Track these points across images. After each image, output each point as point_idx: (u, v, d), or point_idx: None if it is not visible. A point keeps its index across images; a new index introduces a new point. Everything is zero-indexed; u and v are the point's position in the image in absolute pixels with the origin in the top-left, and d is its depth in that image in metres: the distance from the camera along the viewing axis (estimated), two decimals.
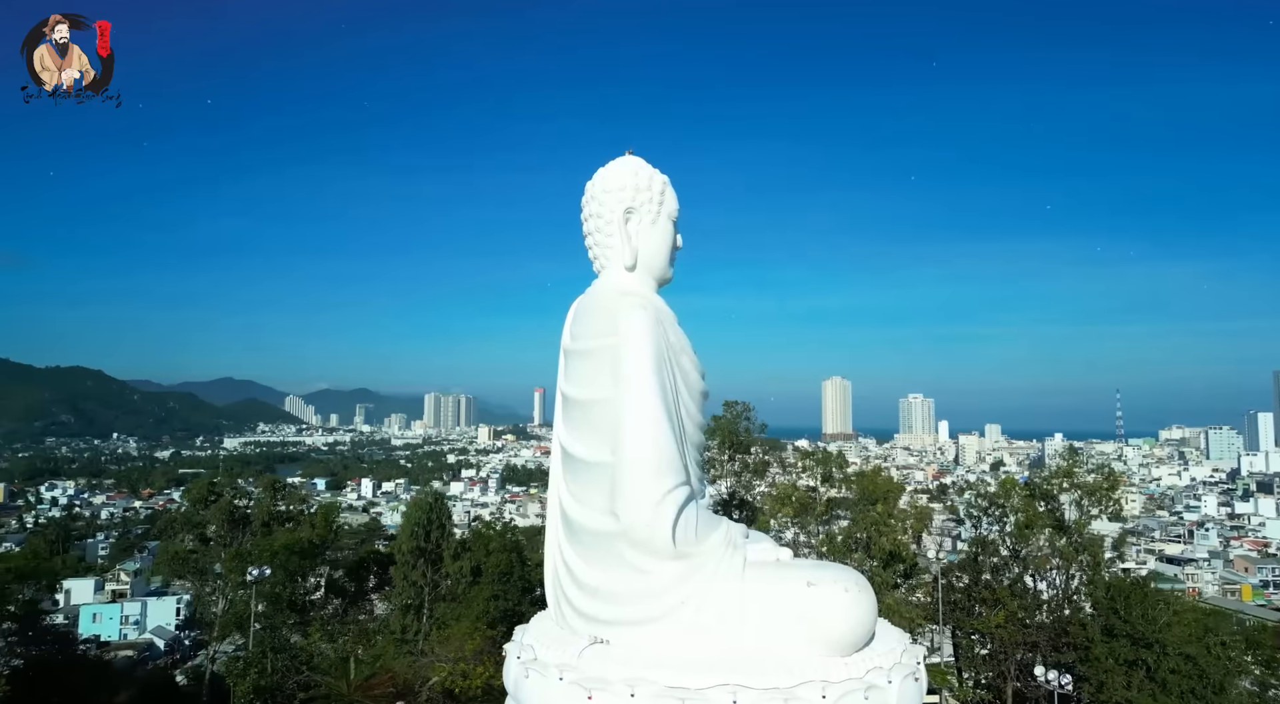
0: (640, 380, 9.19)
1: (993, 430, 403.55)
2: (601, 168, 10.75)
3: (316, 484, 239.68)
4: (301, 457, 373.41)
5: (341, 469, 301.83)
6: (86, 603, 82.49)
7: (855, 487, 41.16)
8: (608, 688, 8.36)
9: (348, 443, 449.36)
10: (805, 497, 40.67)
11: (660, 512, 8.78)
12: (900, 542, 37.16)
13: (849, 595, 8.87)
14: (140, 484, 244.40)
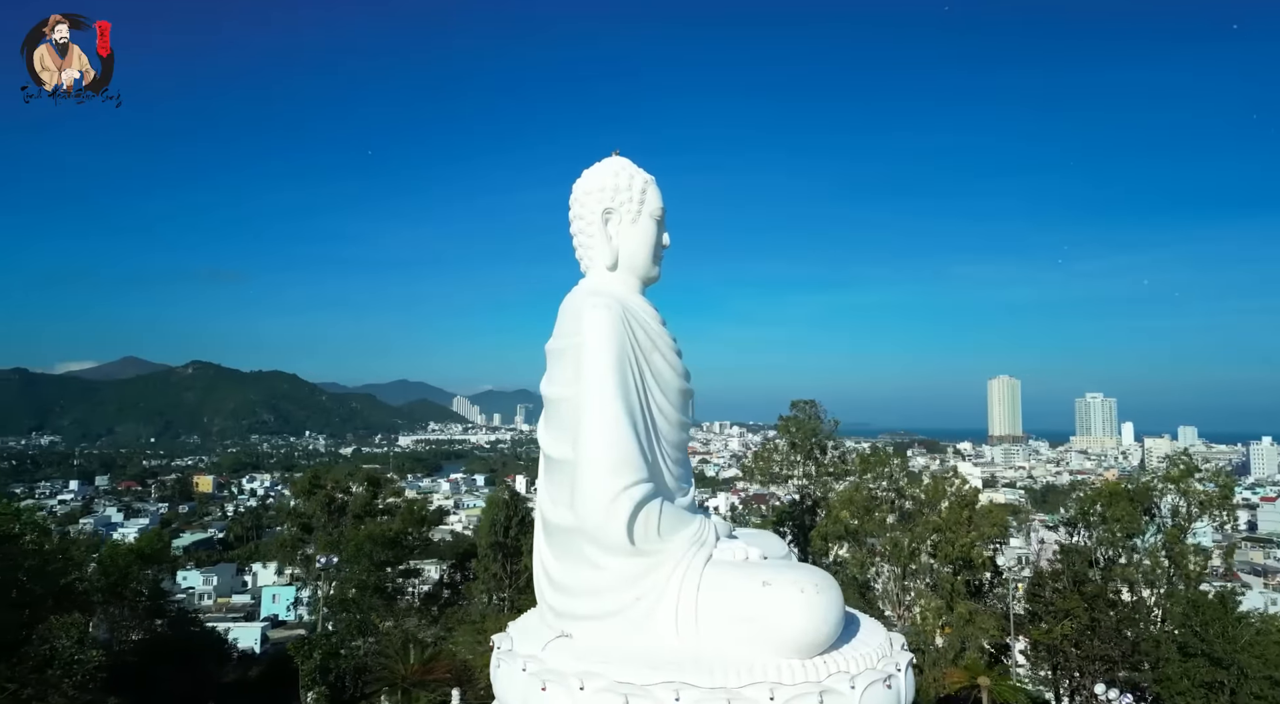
0: (598, 378, 9.29)
1: (1187, 433, 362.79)
2: (587, 170, 10.95)
3: (476, 480, 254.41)
4: (466, 454, 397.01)
5: (500, 466, 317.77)
6: (267, 585, 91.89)
7: (924, 490, 38.71)
8: (562, 680, 8.55)
9: (508, 441, 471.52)
10: (869, 499, 38.57)
11: (614, 508, 8.85)
12: (970, 547, 34.56)
13: (804, 596, 8.59)
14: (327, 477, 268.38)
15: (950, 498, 37.00)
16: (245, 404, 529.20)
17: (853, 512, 37.21)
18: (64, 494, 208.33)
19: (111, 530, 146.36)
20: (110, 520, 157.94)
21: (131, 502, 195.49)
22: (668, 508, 9.47)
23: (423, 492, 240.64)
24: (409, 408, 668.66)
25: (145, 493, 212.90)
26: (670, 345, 10.45)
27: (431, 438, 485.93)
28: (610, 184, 10.46)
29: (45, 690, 20.34)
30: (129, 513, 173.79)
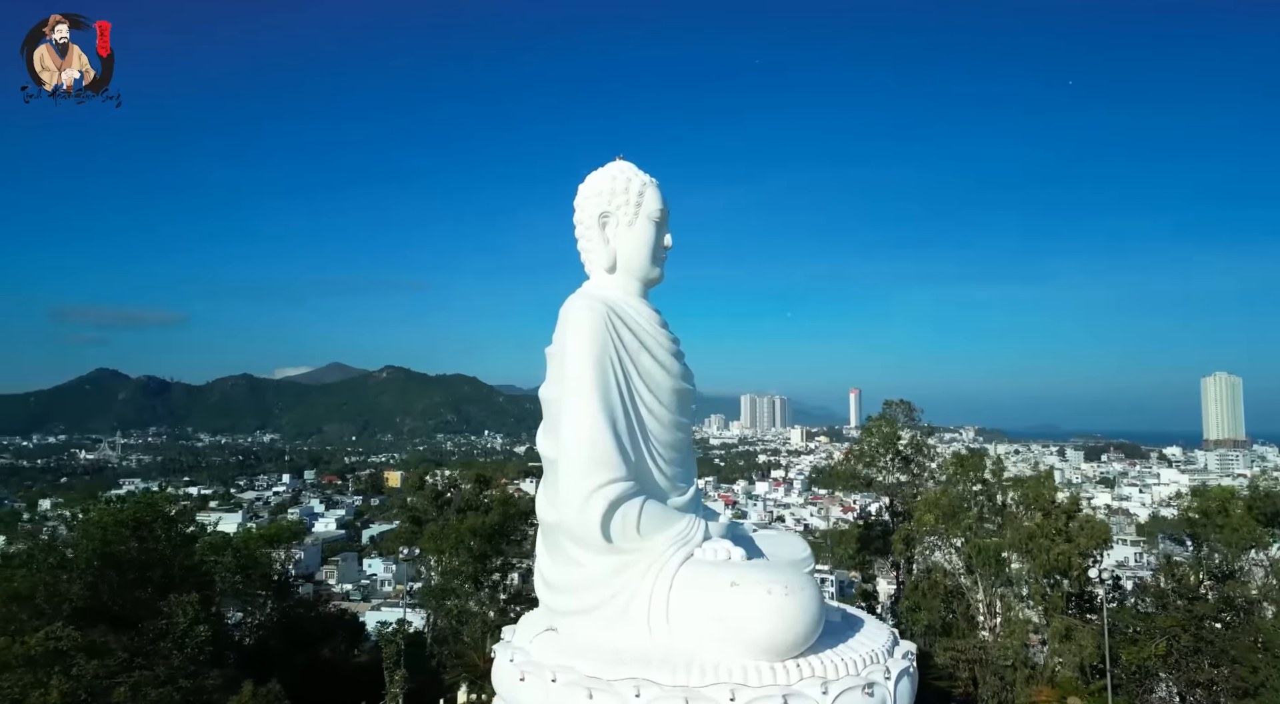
0: (576, 379, 9.72)
1: None
2: (590, 174, 11.39)
3: None
4: None
5: None
6: None
7: (1014, 494, 34.96)
8: (539, 672, 9.07)
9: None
10: (955, 503, 35.41)
11: (588, 506, 9.25)
12: (1066, 557, 30.86)
13: (770, 598, 8.63)
14: (498, 474, 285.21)
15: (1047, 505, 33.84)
16: (431, 406, 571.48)
17: (937, 515, 34.82)
18: (278, 487, 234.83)
19: (314, 520, 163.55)
20: (313, 511, 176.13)
21: (332, 494, 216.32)
22: (652, 507, 9.69)
23: None
24: None
25: (344, 487, 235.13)
26: (664, 346, 10.61)
27: None
28: (607, 188, 10.79)
29: (155, 661, 23.04)
30: (329, 504, 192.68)
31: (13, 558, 24.24)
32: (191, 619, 24.93)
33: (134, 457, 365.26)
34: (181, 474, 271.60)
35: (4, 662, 19.20)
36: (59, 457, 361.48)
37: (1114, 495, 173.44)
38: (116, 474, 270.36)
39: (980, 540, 33.58)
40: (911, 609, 34.90)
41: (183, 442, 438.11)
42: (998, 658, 31.21)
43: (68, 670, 19.65)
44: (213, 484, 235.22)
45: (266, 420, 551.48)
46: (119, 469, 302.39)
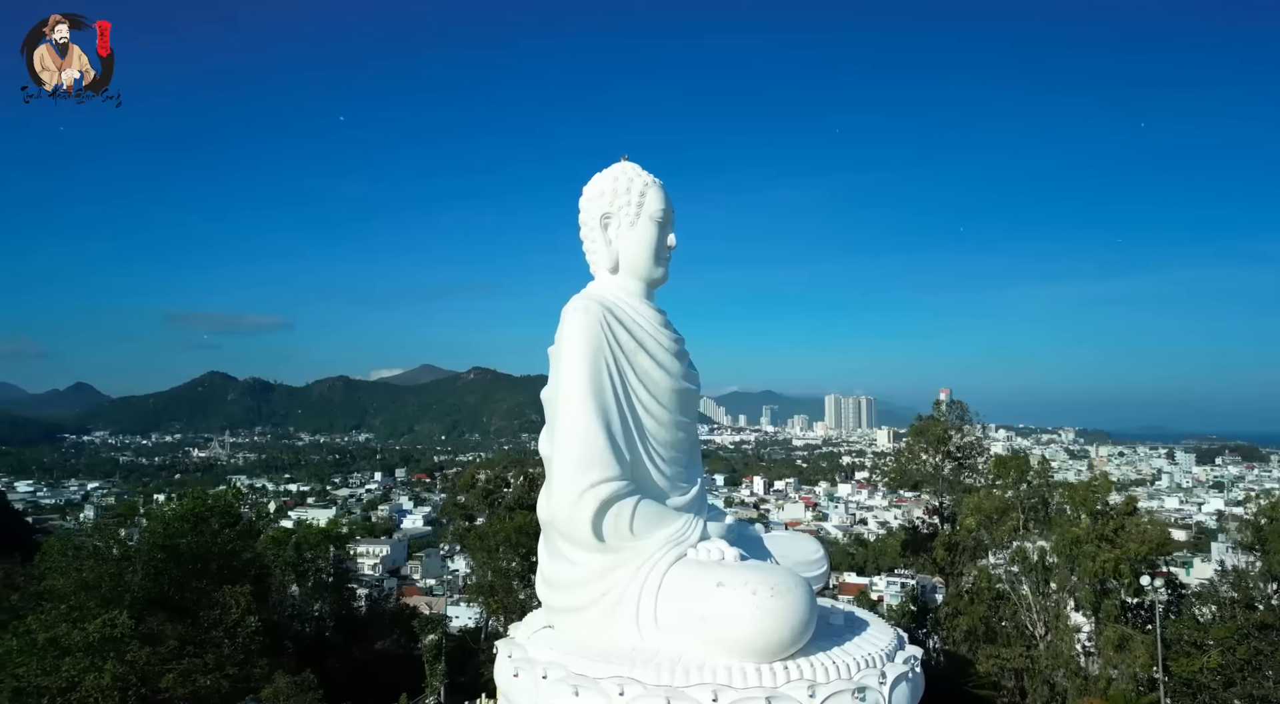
0: (568, 379, 9.85)
1: None
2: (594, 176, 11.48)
3: (715, 479, 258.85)
4: (709, 454, 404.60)
5: (742, 467, 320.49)
6: None
7: (1062, 498, 32.61)
8: (531, 668, 9.25)
9: (752, 442, 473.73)
10: (999, 507, 33.33)
11: (580, 505, 9.36)
12: (1113, 564, 28.60)
13: (755, 599, 8.59)
14: None
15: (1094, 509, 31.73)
16: (516, 406, 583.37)
17: (979, 520, 33.10)
18: (370, 484, 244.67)
19: (403, 516, 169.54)
20: (402, 508, 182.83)
21: (420, 492, 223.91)
22: (647, 506, 9.70)
23: None
24: None
25: (431, 485, 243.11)
26: (664, 346, 10.59)
27: None
28: (609, 189, 10.84)
29: (205, 649, 24.26)
30: (417, 502, 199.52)
31: (82, 549, 26.08)
32: (243, 610, 26.13)
33: (241, 455, 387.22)
34: (283, 471, 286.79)
35: (65, 647, 20.76)
36: (174, 454, 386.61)
37: (1226, 500, 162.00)
38: (225, 471, 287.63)
39: (1025, 545, 32.03)
40: (952, 615, 33.58)
41: (285, 440, 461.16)
42: (1047, 667, 29.68)
43: (122, 656, 20.99)
44: (310, 481, 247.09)
45: (361, 420, 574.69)
46: (227, 466, 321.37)
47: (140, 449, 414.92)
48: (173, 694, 21.04)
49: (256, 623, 25.80)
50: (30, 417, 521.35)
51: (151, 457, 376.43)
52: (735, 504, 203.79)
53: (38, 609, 24.03)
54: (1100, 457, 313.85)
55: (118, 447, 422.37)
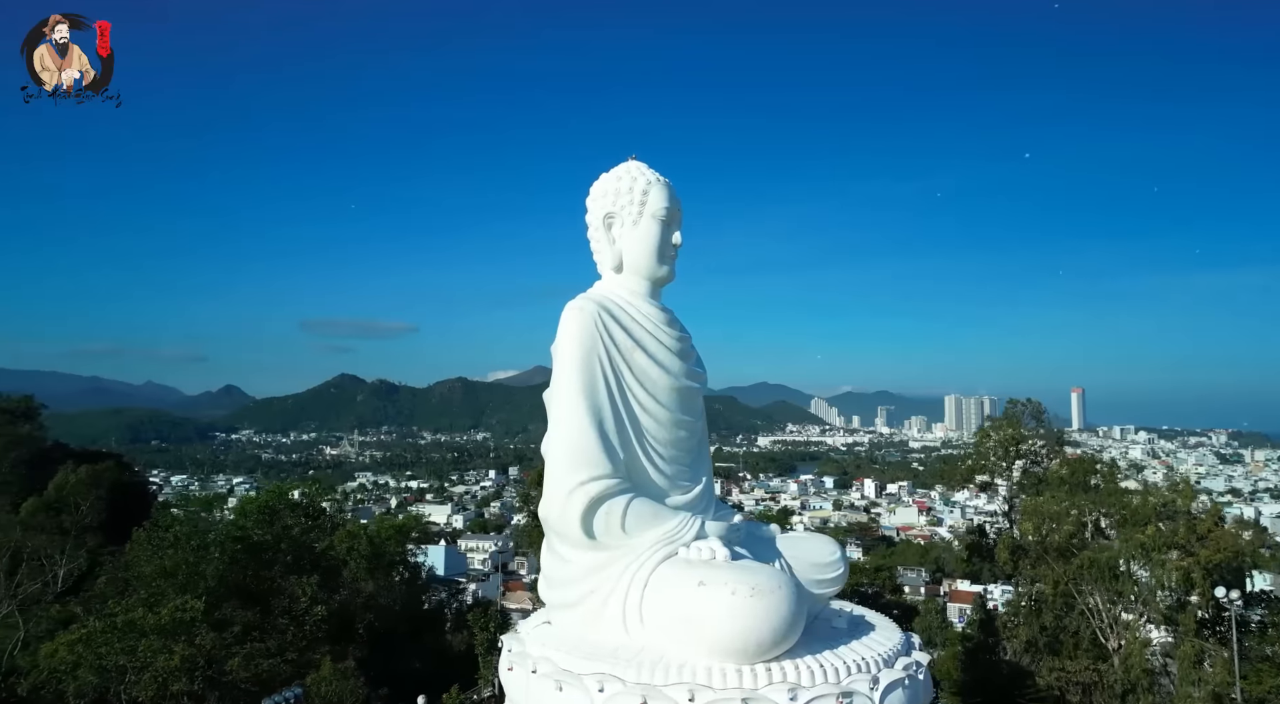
0: (560, 378, 10.05)
1: None
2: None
3: (825, 482, 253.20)
4: (820, 455, 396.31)
5: (854, 469, 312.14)
6: None
7: (1119, 503, 29.23)
8: (524, 663, 9.52)
9: (865, 444, 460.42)
10: (1059, 510, 30.32)
11: (570, 502, 9.53)
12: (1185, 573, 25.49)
13: (734, 599, 8.41)
14: None
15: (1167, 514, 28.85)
16: None
17: (1037, 523, 30.65)
18: (485, 482, 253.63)
19: (512, 514, 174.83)
20: (513, 506, 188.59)
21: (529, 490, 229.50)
22: (640, 504, 9.75)
23: (771, 491, 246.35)
24: (768, 409, 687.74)
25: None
26: (664, 345, 10.58)
27: (788, 439, 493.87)
28: (612, 188, 10.95)
29: (269, 635, 25.68)
30: (525, 500, 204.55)
31: (164, 539, 28.39)
32: (310, 599, 27.53)
33: (368, 453, 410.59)
34: (405, 469, 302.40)
35: (141, 630, 22.60)
36: (309, 452, 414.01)
37: None
38: (353, 468, 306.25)
39: (1091, 553, 29.67)
40: (1010, 623, 31.51)
41: (408, 439, 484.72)
42: (1117, 683, 27.36)
43: (192, 639, 22.74)
44: (430, 478, 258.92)
45: (479, 420, 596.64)
46: (355, 464, 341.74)
47: (280, 447, 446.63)
48: (236, 676, 22.73)
49: (322, 612, 27.28)
50: (186, 417, 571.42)
51: (289, 454, 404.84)
52: (844, 507, 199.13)
53: (124, 594, 26.40)
54: (1256, 461, 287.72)
55: (260, 444, 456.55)
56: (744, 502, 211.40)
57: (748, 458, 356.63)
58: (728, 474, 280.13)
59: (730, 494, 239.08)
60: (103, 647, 22.19)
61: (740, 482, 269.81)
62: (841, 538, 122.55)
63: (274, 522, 29.25)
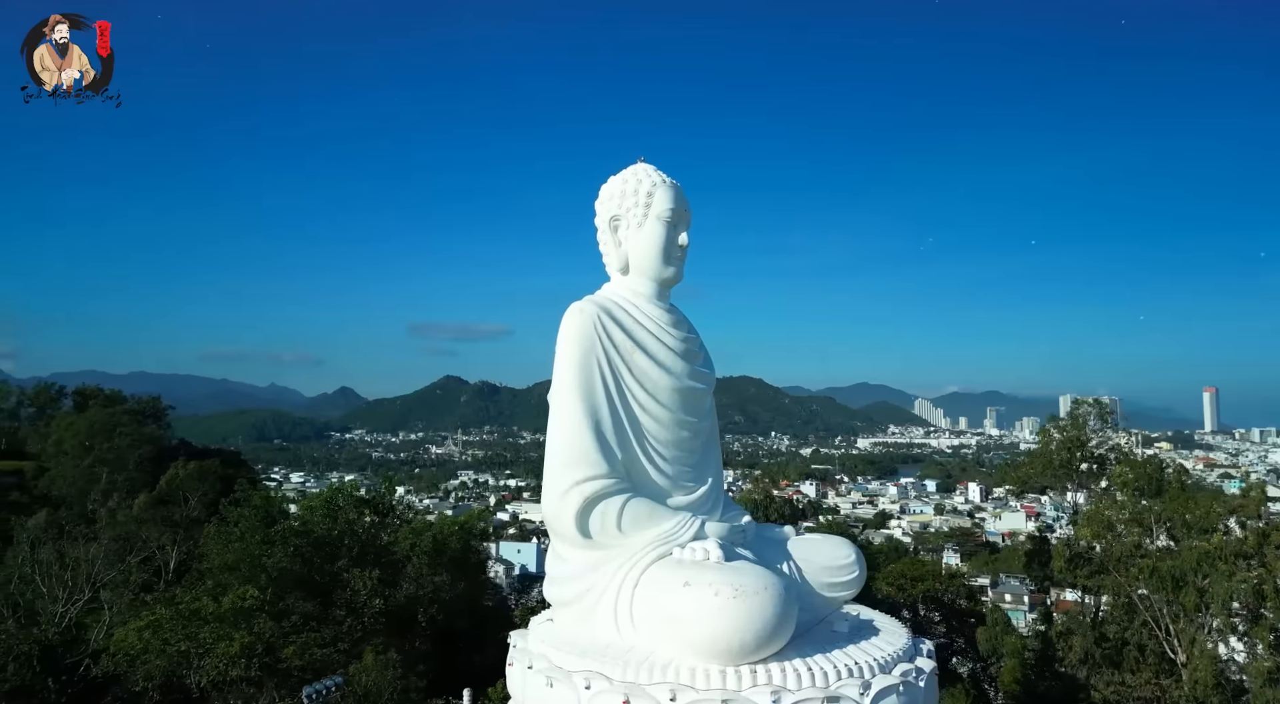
0: (558, 379, 10.23)
1: None
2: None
3: (927, 485, 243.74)
4: (923, 458, 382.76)
5: (959, 472, 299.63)
6: None
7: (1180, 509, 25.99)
8: (522, 658, 9.75)
9: (973, 446, 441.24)
10: (1117, 516, 27.37)
11: (564, 502, 9.72)
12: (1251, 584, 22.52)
13: (717, 600, 8.39)
14: (779, 476, 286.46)
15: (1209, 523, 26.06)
16: (719, 406, 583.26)
17: (1094, 530, 28.12)
18: None
19: None
20: None
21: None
22: (637, 504, 9.77)
23: (868, 494, 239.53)
24: (868, 410, 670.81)
25: None
26: (666, 346, 10.56)
27: (890, 440, 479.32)
28: (617, 191, 11.06)
29: (326, 626, 26.56)
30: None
31: (231, 533, 30.05)
32: (369, 592, 28.42)
33: (470, 452, 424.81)
34: (504, 467, 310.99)
35: (203, 618, 23.93)
36: (416, 451, 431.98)
37: None
38: (456, 467, 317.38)
39: (1153, 561, 27.22)
40: (1063, 634, 29.22)
41: (509, 439, 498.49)
42: (1182, 698, 25.01)
43: (251, 628, 23.97)
44: (528, 477, 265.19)
45: None
46: (458, 462, 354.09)
47: (389, 446, 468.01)
48: (290, 664, 23.87)
49: (380, 605, 28.27)
50: (305, 417, 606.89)
51: (398, 453, 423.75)
52: (946, 512, 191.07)
53: (195, 585, 28.20)
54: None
55: (371, 443, 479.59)
56: (839, 504, 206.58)
57: (845, 460, 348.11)
58: (823, 477, 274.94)
59: (825, 497, 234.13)
60: (168, 633, 23.61)
61: (836, 484, 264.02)
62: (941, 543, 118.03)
63: (337, 517, 30.65)
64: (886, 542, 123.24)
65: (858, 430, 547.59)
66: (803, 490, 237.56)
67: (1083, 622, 30.44)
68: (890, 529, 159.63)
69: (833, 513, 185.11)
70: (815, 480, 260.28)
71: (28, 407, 78.59)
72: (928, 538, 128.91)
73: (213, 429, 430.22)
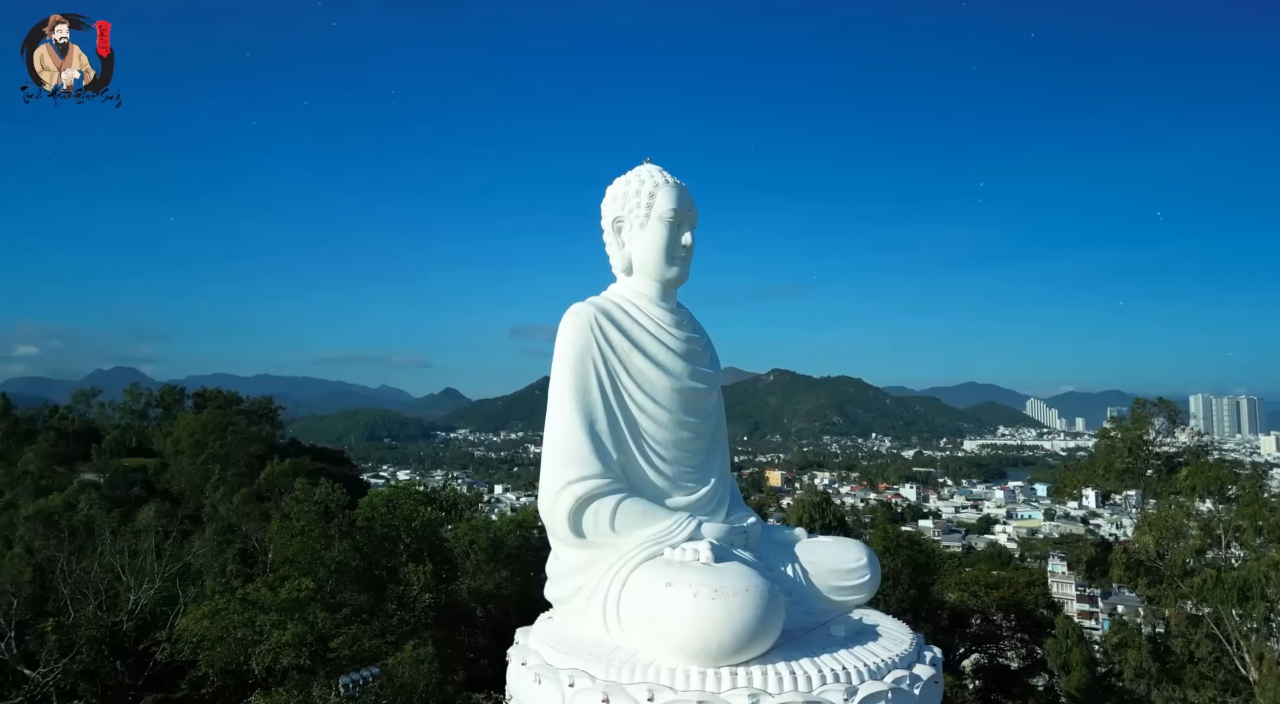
0: (553, 380, 10.42)
1: None
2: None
3: (1037, 489, 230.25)
4: (1035, 461, 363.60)
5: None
6: None
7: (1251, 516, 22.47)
8: (518, 655, 9.96)
9: (1090, 449, 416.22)
10: (1179, 523, 24.16)
11: (557, 501, 9.93)
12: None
13: (695, 601, 8.39)
14: (878, 479, 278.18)
15: None
16: (817, 407, 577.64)
17: (1155, 537, 25.33)
18: None
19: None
20: None
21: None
22: (632, 504, 9.81)
23: (973, 498, 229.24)
24: (976, 411, 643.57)
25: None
26: (666, 346, 10.54)
27: (999, 442, 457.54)
28: (620, 192, 11.16)
29: (376, 618, 27.26)
30: None
31: (292, 526, 31.38)
32: (422, 586, 29.22)
33: None
34: None
35: (262, 607, 25.08)
36: (516, 450, 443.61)
37: None
38: None
39: (1217, 570, 24.57)
40: (1120, 645, 26.66)
41: None
42: None
43: (304, 618, 25.00)
44: None
45: None
46: None
47: (491, 445, 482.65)
48: (339, 654, 24.85)
49: (430, 599, 29.03)
50: (414, 417, 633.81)
51: (499, 451, 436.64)
52: (1058, 517, 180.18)
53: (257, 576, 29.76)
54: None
55: (474, 443, 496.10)
56: (940, 508, 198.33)
57: (950, 462, 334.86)
58: (925, 480, 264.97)
59: (926, 501, 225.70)
60: (227, 621, 24.90)
61: (939, 487, 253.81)
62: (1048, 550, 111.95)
63: (395, 513, 31.80)
64: (989, 547, 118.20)
65: (964, 432, 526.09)
66: (902, 493, 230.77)
67: (1138, 633, 28.25)
68: (994, 535, 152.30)
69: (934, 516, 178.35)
70: (916, 484, 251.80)
71: (155, 407, 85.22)
72: (1035, 545, 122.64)
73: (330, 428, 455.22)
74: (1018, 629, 40.21)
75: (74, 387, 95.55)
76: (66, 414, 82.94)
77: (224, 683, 26.62)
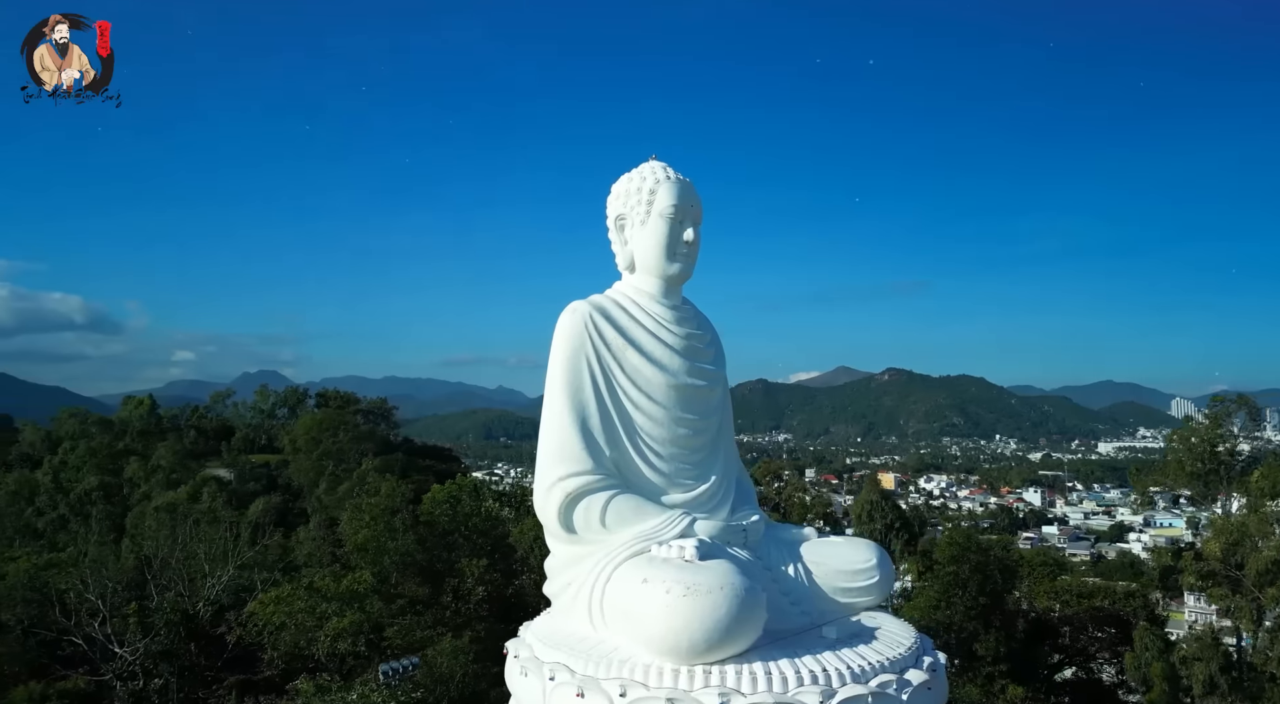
0: (548, 378, 10.64)
1: None
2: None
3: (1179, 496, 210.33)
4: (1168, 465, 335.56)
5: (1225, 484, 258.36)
6: None
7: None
8: (515, 648, 10.17)
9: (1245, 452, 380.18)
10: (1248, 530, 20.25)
11: (548, 497, 10.16)
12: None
13: (667, 597, 8.36)
14: (1000, 482, 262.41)
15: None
16: (936, 408, 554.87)
17: (1229, 543, 21.89)
18: (775, 483, 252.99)
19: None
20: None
21: (826, 493, 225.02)
22: (624, 501, 9.82)
23: (1104, 504, 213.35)
24: (1112, 411, 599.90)
25: (838, 486, 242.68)
26: (664, 343, 10.47)
27: (1137, 445, 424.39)
28: (622, 190, 11.23)
29: (429, 610, 27.89)
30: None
31: (361, 518, 32.56)
32: (476, 580, 30.04)
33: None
34: None
35: (324, 595, 26.47)
36: None
37: None
38: None
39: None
40: (1189, 659, 23.48)
41: None
42: None
43: (362, 607, 25.99)
44: None
45: (780, 421, 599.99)
46: None
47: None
48: (392, 643, 25.75)
49: (483, 592, 29.66)
50: (527, 416, 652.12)
51: None
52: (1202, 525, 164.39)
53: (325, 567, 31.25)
54: None
55: None
56: (1068, 514, 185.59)
57: (1080, 466, 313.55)
58: (1051, 484, 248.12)
59: (1053, 505, 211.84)
60: (292, 606, 26.48)
61: (1067, 492, 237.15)
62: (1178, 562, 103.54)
63: (456, 509, 32.74)
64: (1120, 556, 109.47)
65: (1099, 434, 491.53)
66: (1025, 498, 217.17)
67: (1208, 646, 25.51)
68: (1128, 543, 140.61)
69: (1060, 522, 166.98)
70: (1041, 488, 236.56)
71: (282, 407, 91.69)
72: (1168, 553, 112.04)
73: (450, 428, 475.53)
74: (1115, 642, 37.44)
75: (225, 389, 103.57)
76: (205, 414, 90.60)
77: (289, 666, 28.27)
